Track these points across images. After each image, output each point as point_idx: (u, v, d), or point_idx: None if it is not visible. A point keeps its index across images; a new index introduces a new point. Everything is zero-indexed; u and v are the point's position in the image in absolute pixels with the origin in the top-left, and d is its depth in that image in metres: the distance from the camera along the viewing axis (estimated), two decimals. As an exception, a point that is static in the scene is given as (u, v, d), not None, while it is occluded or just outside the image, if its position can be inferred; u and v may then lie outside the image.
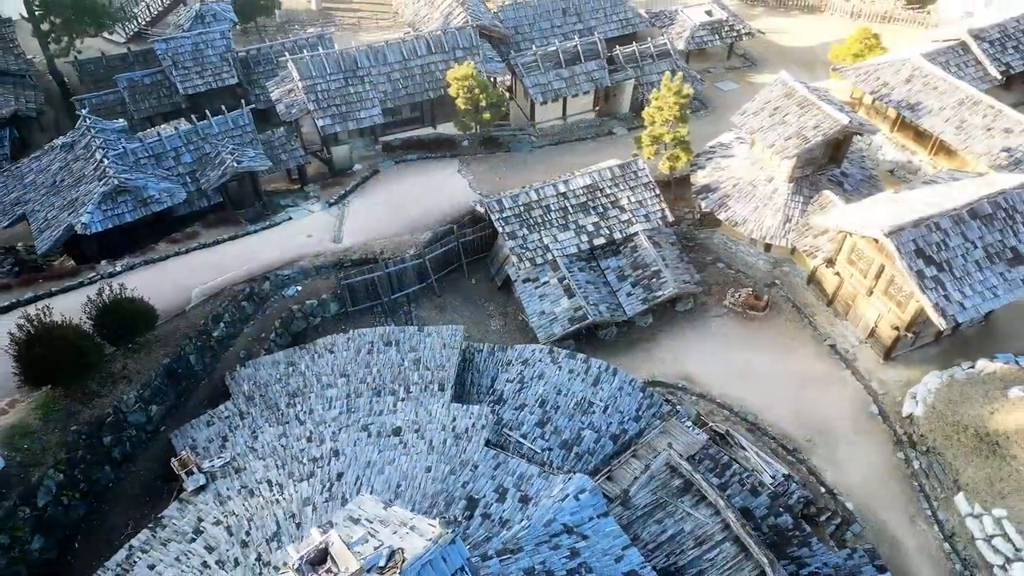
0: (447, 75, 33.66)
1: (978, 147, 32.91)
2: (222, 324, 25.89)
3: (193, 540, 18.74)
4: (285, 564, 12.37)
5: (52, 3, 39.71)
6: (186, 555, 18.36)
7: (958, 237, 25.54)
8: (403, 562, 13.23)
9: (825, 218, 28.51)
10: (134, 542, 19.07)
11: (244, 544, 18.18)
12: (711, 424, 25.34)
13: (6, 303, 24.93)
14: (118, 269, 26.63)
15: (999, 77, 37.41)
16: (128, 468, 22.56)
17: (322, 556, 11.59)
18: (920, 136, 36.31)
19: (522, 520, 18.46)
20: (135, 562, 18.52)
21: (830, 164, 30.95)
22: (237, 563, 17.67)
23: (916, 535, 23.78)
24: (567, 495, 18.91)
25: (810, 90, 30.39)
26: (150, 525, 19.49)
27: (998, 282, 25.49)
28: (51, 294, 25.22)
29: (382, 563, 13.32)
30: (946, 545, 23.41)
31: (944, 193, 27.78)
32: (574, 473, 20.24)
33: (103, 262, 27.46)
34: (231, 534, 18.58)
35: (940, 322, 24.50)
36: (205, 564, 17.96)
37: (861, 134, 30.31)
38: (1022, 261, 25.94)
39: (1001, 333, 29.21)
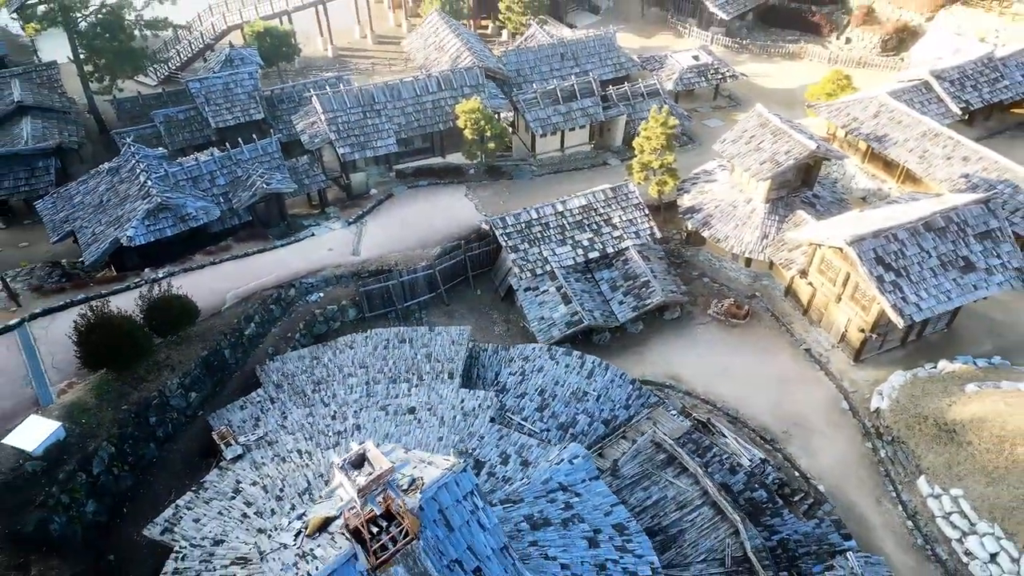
0: (456, 109, 37.25)
1: (939, 174, 36.18)
2: (253, 324, 28.75)
3: (233, 498, 21.25)
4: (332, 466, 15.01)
5: (97, 49, 43.62)
6: (227, 509, 20.86)
7: (914, 247, 28.52)
8: (423, 485, 15.88)
9: (798, 233, 31.57)
10: (180, 502, 21.57)
11: (279, 498, 20.71)
12: (694, 415, 27.90)
13: (62, 303, 27.84)
14: (160, 275, 29.58)
15: (959, 113, 40.95)
16: (170, 446, 25.12)
17: (360, 460, 14.23)
18: (888, 166, 39.62)
19: (523, 478, 21.02)
20: (181, 517, 20.99)
21: (803, 187, 34.17)
22: (273, 512, 20.17)
23: (882, 514, 26.11)
24: (563, 460, 21.53)
25: (783, 121, 33.80)
26: (193, 488, 22.01)
27: (951, 287, 28.37)
28: (101, 296, 28.09)
29: (405, 486, 15.96)
30: (909, 523, 25.75)
31: (903, 211, 30.88)
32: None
33: (146, 270, 30.46)
34: (266, 491, 21.11)
35: (898, 320, 27.30)
36: (244, 515, 20.46)
37: (829, 160, 33.63)
38: (973, 269, 28.86)
39: (962, 339, 31.91)
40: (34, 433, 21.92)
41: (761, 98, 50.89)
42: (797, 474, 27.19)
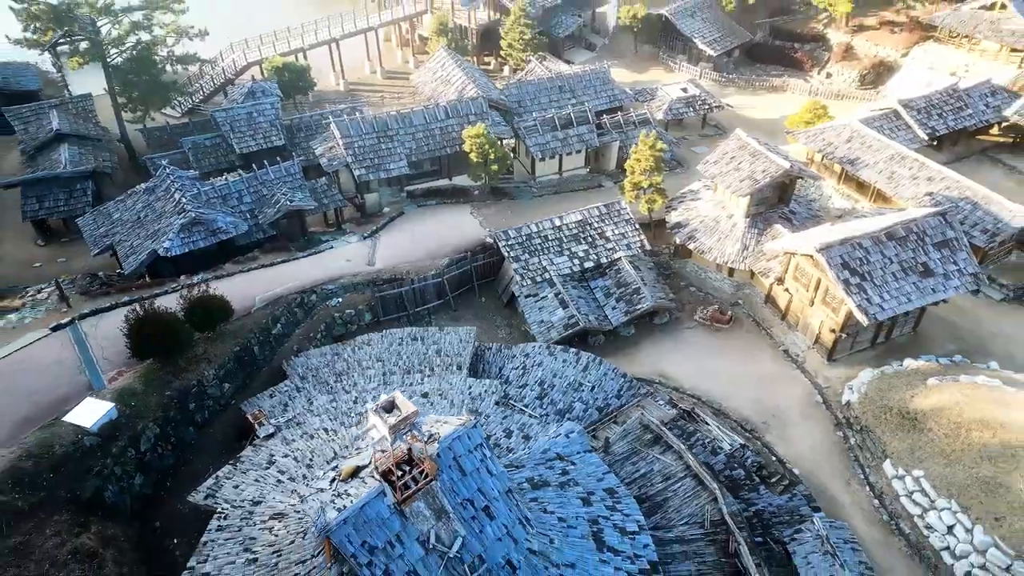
0: (462, 134, 40.68)
1: (906, 193, 39.44)
2: (279, 324, 31.68)
3: (267, 468, 23.93)
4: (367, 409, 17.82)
5: (131, 82, 47.31)
6: (262, 477, 23.53)
7: (877, 254, 31.56)
8: (439, 438, 18.68)
9: (775, 244, 34.67)
10: (219, 473, 24.22)
11: (309, 466, 23.39)
12: (680, 405, 30.63)
13: (108, 304, 30.83)
14: (195, 281, 32.58)
15: (925, 138, 44.40)
16: (206, 430, 27.86)
17: (391, 406, 17.06)
18: (861, 187, 42.91)
19: (524, 449, 23.75)
20: (221, 485, 23.64)
21: (779, 203, 37.37)
22: (305, 478, 22.85)
23: (851, 494, 28.68)
24: (560, 434, 24.29)
25: (760, 143, 37.14)
26: (231, 462, 24.69)
27: (911, 290, 31.34)
28: (143, 299, 30.99)
29: (424, 439, 18.75)
30: (875, 501, 28.31)
31: (869, 223, 34.01)
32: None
33: (182, 277, 33.49)
34: (297, 461, 23.81)
35: (863, 319, 30.22)
36: (279, 481, 23.14)
37: (803, 178, 36.87)
38: (932, 274, 31.87)
39: (926, 341, 34.76)
40: (90, 412, 24.69)
41: (746, 127, 54.24)
42: (774, 459, 29.79)
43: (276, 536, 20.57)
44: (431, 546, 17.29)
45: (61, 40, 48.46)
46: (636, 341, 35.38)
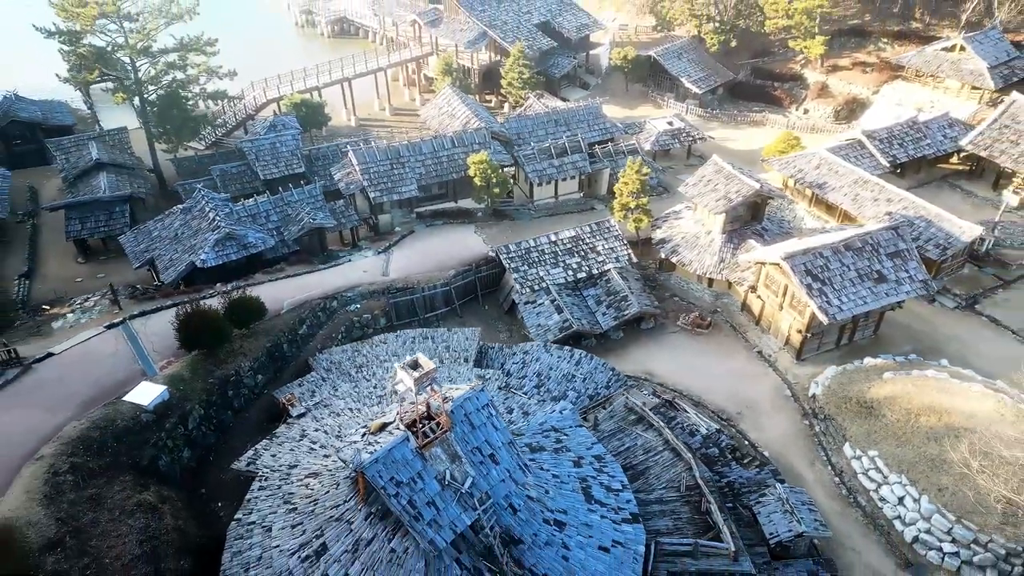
0: (467, 160, 45.07)
1: (868, 212, 43.64)
2: (304, 326, 35.52)
3: (300, 440, 27.55)
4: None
5: (166, 117, 51.94)
6: (297, 447, 27.13)
7: (837, 262, 35.58)
8: (453, 398, 22.43)
9: (748, 255, 38.72)
10: (258, 446, 27.81)
11: (338, 437, 27.02)
12: (662, 396, 34.29)
13: (154, 307, 34.75)
14: (229, 288, 36.51)
15: (887, 165, 48.82)
16: (242, 414, 31.52)
17: (415, 364, 20.85)
18: (830, 208, 47.17)
19: (524, 422, 27.43)
20: (260, 455, 27.22)
21: (753, 221, 41.56)
22: (335, 447, 26.46)
23: (815, 473, 32.19)
24: (554, 410, 28.01)
25: (734, 167, 41.47)
26: (267, 437, 28.31)
27: (867, 294, 35.28)
28: (186, 301, 34.87)
29: (442, 397, 22.49)
30: (836, 479, 31.81)
31: (830, 236, 38.13)
32: (560, 405, 29.27)
33: (217, 284, 37.43)
34: (327, 434, 27.43)
35: (823, 319, 34.10)
36: (311, 449, 26.74)
37: (772, 198, 41.11)
38: (885, 280, 35.86)
39: (886, 343, 38.54)
40: (146, 394, 28.42)
41: (728, 156, 58.64)
42: (747, 443, 33.38)
43: (312, 490, 24.15)
44: (447, 483, 20.92)
45: (104, 79, 53.26)
46: (624, 344, 39.16)
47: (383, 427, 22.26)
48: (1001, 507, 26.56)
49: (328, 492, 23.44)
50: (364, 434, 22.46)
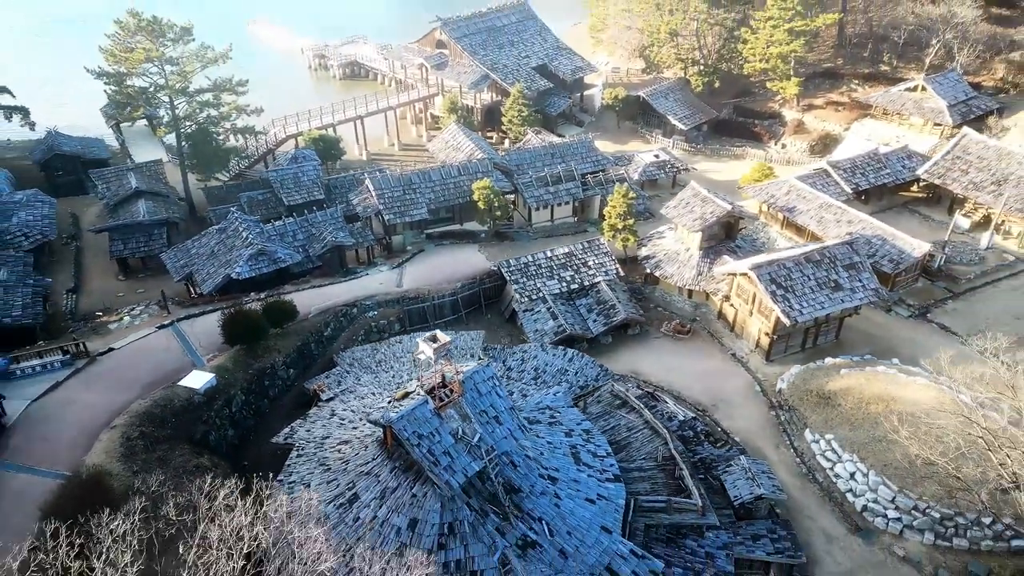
0: (472, 187, 50.31)
1: (832, 233, 48.62)
2: (329, 328, 40.31)
3: (331, 418, 32.08)
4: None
5: (199, 150, 57.43)
6: (327, 424, 31.66)
7: (798, 272, 40.44)
8: (464, 371, 27.08)
9: (722, 267, 43.62)
10: (293, 424, 32.33)
11: (364, 414, 31.54)
12: (645, 389, 38.84)
13: (198, 311, 39.57)
14: (263, 296, 41.35)
15: (850, 192, 54.05)
16: (276, 403, 36.13)
17: (435, 337, 25.56)
18: (800, 230, 52.20)
19: (522, 402, 31.98)
20: (296, 431, 31.73)
21: (727, 239, 46.59)
22: (364, 415, 30.98)
23: (779, 455, 36.55)
24: (549, 393, 32.59)
25: (709, 191, 46.64)
26: (301, 417, 32.82)
27: (825, 299, 40.05)
28: (223, 308, 39.69)
29: (453, 374, 27.12)
30: (797, 459, 36.15)
31: (793, 250, 43.08)
32: (554, 390, 33.86)
33: (251, 293, 42.26)
34: (354, 412, 31.98)
35: (786, 321, 38.82)
36: (341, 424, 31.26)
37: (743, 218, 46.18)
38: (841, 288, 40.67)
39: (846, 345, 43.15)
40: (198, 380, 33.06)
41: (711, 186, 64.30)
42: (720, 429, 37.81)
43: (343, 454, 28.65)
44: (459, 437, 25.46)
45: (145, 116, 58.97)
46: (613, 347, 43.81)
47: (406, 395, 26.86)
48: (921, 464, 30.80)
49: (358, 454, 27.92)
50: (390, 401, 27.06)
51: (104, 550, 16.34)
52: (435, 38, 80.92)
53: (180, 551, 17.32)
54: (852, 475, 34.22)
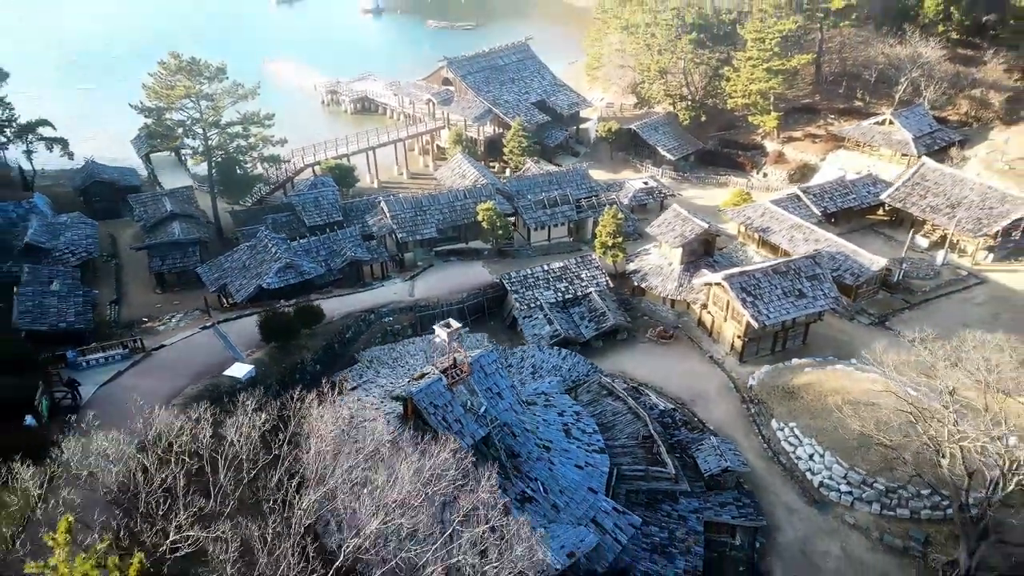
0: (477, 208, 55.84)
1: (801, 250, 53.87)
2: (350, 331, 45.45)
3: (355, 403, 36.98)
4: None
5: (227, 177, 63.16)
6: (352, 406, 36.57)
7: (766, 281, 45.66)
8: (472, 355, 32.18)
9: (700, 278, 48.87)
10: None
11: (382, 400, 36.48)
12: (630, 384, 43.80)
13: (235, 315, 44.76)
14: (292, 303, 46.54)
15: (819, 214, 59.52)
16: (304, 393, 40.95)
17: (448, 324, 30.70)
18: (774, 248, 57.52)
19: (521, 389, 36.99)
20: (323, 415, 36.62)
21: (706, 255, 51.94)
22: (386, 393, 35.93)
23: (749, 441, 41.35)
24: (544, 382, 37.63)
25: (689, 212, 52.10)
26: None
27: (790, 306, 45.22)
28: (260, 311, 44.86)
29: (463, 356, 32.20)
30: (764, 445, 40.97)
31: (763, 264, 48.35)
32: (549, 380, 38.90)
33: (280, 301, 47.49)
34: (376, 397, 36.91)
35: (755, 323, 43.94)
36: (364, 408, 36.18)
37: (719, 235, 51.61)
38: (804, 296, 45.85)
39: (812, 348, 48.14)
40: (239, 370, 38.10)
41: (696, 210, 69.91)
42: (696, 419, 42.69)
43: (367, 427, 33.55)
44: (468, 408, 30.45)
45: (182, 146, 65.01)
46: (603, 351, 48.84)
47: (423, 376, 31.91)
48: (858, 436, 35.60)
49: (380, 428, 32.81)
50: (409, 380, 32.10)
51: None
52: (441, 75, 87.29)
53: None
54: (811, 456, 39.04)
